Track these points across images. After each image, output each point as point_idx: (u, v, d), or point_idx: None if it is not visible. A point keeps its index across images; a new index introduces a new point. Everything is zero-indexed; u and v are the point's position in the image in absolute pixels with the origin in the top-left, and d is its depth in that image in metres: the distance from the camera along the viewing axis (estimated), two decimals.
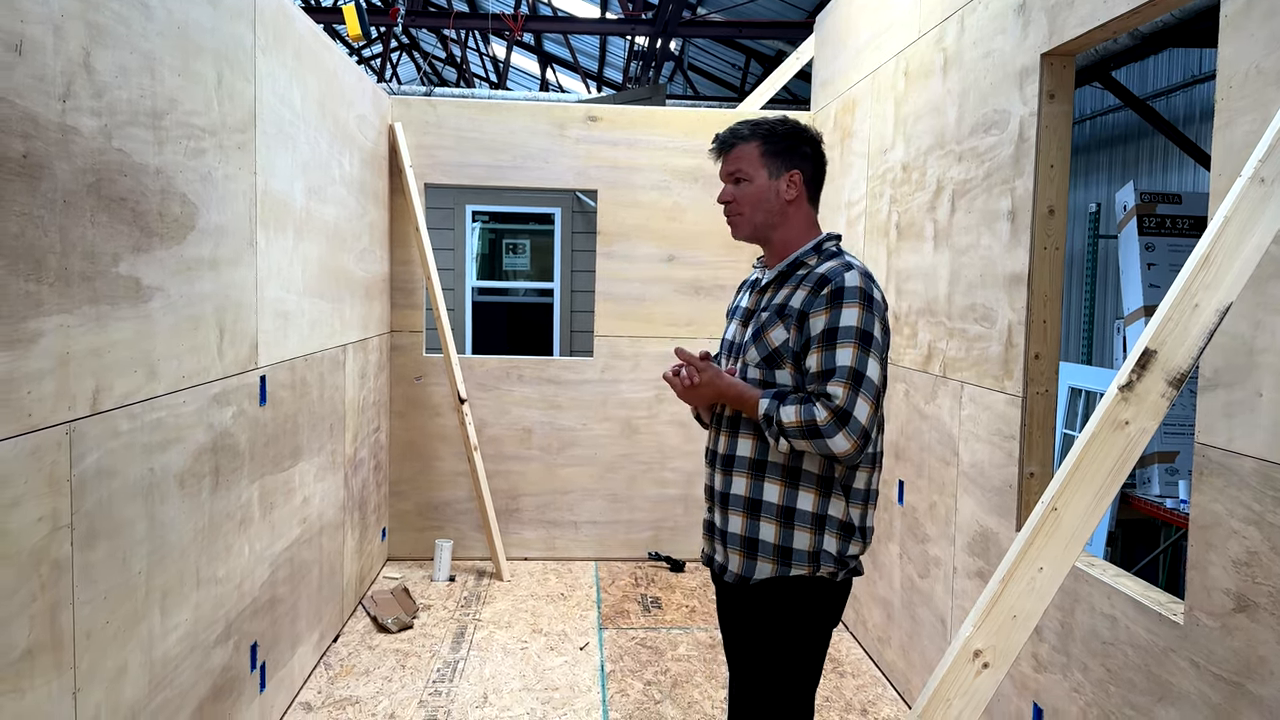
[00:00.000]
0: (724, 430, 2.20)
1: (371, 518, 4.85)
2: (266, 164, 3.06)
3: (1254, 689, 1.86)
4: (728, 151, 2.21)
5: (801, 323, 2.07)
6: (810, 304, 2.06)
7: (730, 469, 2.18)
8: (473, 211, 8.69)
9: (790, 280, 2.15)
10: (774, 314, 2.12)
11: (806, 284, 2.10)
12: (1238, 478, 1.91)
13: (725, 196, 2.23)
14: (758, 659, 2.17)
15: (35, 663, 1.80)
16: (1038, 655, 2.70)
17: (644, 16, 9.15)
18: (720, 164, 2.24)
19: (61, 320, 1.87)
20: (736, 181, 2.20)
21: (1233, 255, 1.46)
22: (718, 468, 2.22)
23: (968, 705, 1.55)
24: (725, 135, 2.21)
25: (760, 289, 2.22)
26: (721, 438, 2.21)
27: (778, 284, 2.18)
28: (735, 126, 2.21)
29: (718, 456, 2.22)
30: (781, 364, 2.10)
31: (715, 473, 2.22)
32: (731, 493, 2.17)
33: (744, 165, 2.19)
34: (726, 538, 2.19)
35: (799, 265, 2.17)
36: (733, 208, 2.22)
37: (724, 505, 2.19)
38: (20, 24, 1.72)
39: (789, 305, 2.10)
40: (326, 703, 3.57)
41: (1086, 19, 2.50)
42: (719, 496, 2.21)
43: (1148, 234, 4.98)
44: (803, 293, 2.09)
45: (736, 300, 2.35)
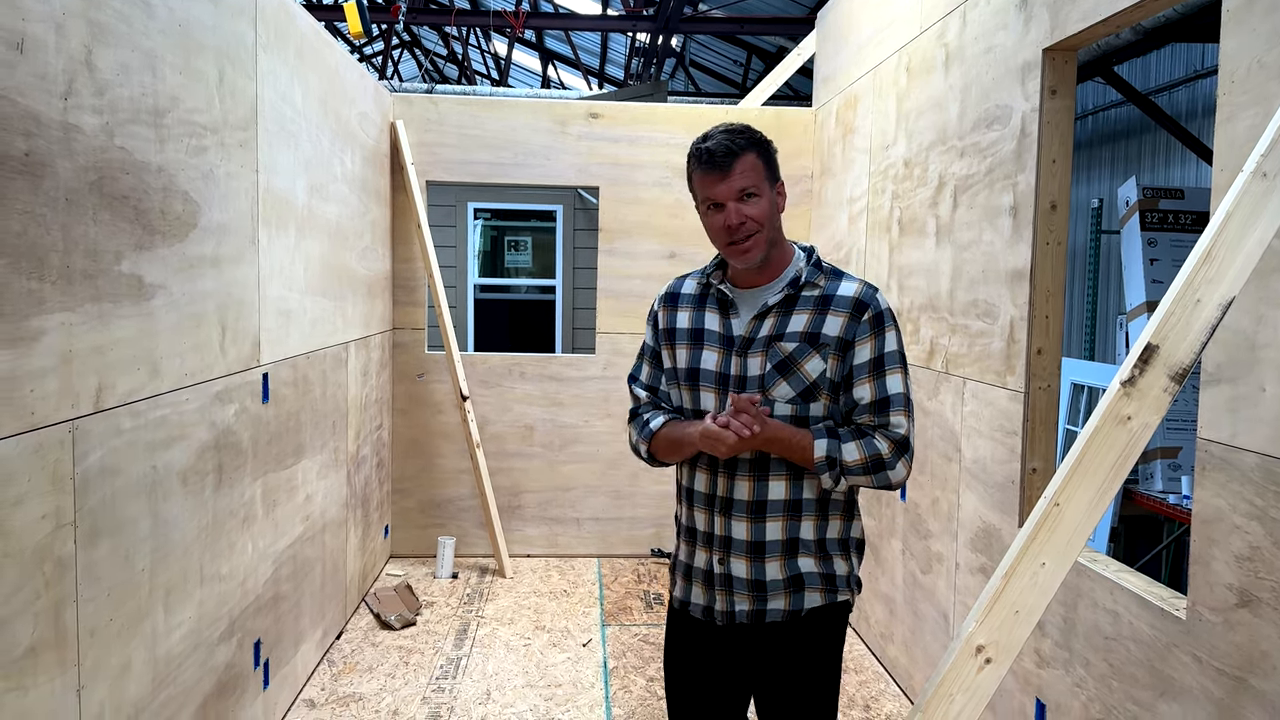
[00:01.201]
0: (742, 475, 1.96)
1: (374, 515, 4.86)
2: (268, 162, 3.06)
3: (1256, 684, 1.86)
4: (732, 165, 1.90)
5: (844, 352, 1.92)
6: (853, 332, 1.92)
7: (762, 515, 1.96)
8: (474, 209, 8.69)
9: (803, 303, 1.95)
10: (804, 344, 1.91)
11: (837, 309, 1.92)
12: (1240, 473, 1.91)
13: (739, 217, 1.90)
14: (805, 691, 2.02)
15: (39, 660, 1.81)
16: (1040, 651, 2.70)
17: (645, 13, 9.14)
18: (724, 182, 1.90)
19: (64, 318, 1.87)
20: (747, 198, 1.91)
21: (1235, 250, 1.45)
22: (736, 515, 1.97)
23: (970, 701, 1.55)
24: (723, 147, 1.90)
25: (759, 314, 1.95)
26: (740, 483, 1.97)
27: (785, 308, 1.95)
28: (725, 140, 1.90)
29: (735, 504, 1.97)
30: (818, 396, 1.93)
31: (731, 520, 1.98)
32: (767, 539, 1.96)
33: (752, 179, 1.91)
34: (749, 585, 1.98)
35: (806, 285, 1.96)
36: (749, 228, 1.91)
37: (753, 553, 1.97)
38: (22, 22, 1.73)
39: (824, 334, 1.91)
40: (330, 700, 3.58)
41: (1088, 13, 2.49)
42: (742, 545, 1.97)
43: (1150, 229, 4.97)
44: (837, 319, 1.92)
45: (691, 321, 2.05)
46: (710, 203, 1.93)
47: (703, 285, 2.08)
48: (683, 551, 2.10)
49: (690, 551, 2.07)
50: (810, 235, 5.21)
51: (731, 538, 1.98)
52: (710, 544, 2.02)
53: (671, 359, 2.08)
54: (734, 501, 1.98)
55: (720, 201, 1.91)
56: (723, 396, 1.97)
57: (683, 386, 2.05)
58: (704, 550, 2.03)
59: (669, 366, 2.09)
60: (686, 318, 2.07)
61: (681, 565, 2.10)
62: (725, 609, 2.01)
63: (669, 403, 2.12)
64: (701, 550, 2.04)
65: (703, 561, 2.03)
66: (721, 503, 1.99)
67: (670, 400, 2.11)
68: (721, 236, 1.93)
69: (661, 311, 2.13)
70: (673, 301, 2.12)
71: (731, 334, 1.99)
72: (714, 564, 2.01)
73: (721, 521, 1.99)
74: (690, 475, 2.06)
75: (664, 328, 2.11)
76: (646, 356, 2.17)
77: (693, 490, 2.05)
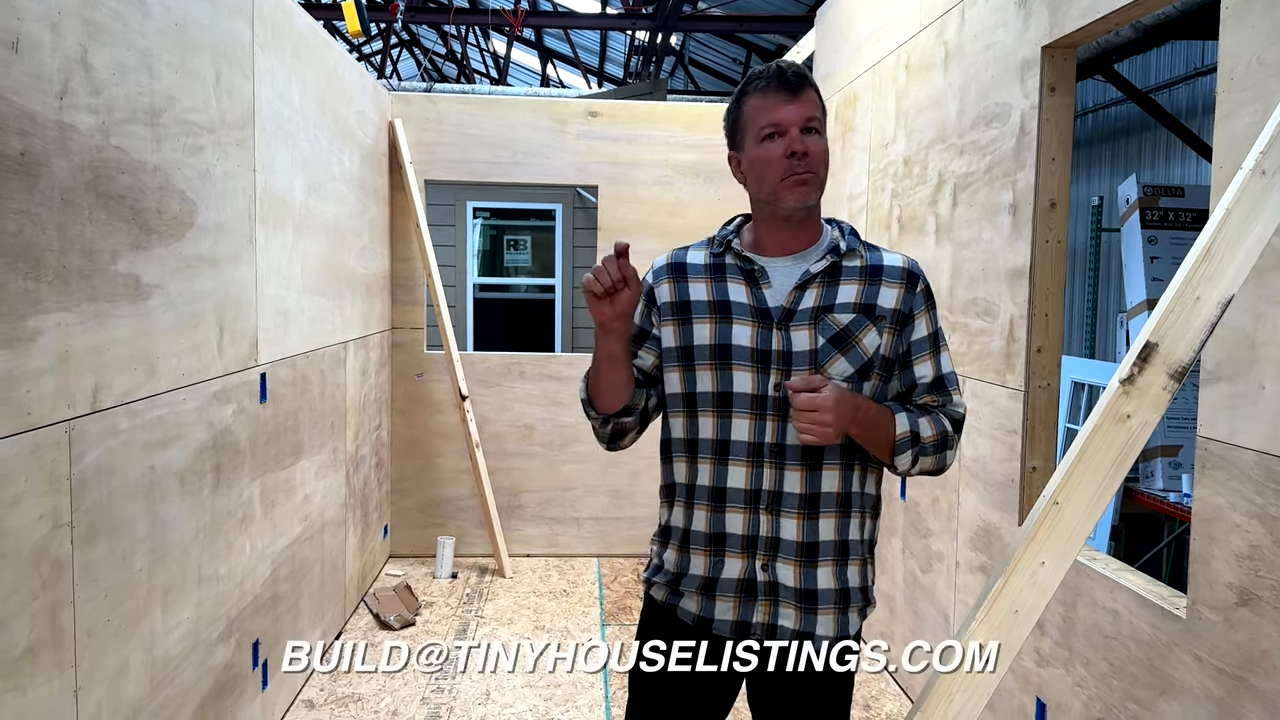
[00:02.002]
0: (793, 464, 1.71)
1: (373, 515, 4.85)
2: (265, 161, 3.05)
3: (1257, 683, 1.85)
4: (804, 88, 1.69)
5: (902, 325, 1.75)
6: (909, 304, 1.75)
7: (816, 510, 1.73)
8: (473, 208, 8.68)
9: (849, 273, 1.75)
10: (861, 315, 1.72)
11: (890, 279, 1.75)
12: (1239, 471, 1.90)
13: (803, 146, 1.67)
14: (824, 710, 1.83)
15: (36, 661, 1.80)
16: (1040, 650, 2.70)
17: (645, 11, 9.13)
18: (794, 103, 1.68)
19: (60, 318, 1.86)
20: (810, 131, 1.69)
21: (1234, 248, 1.45)
22: (787, 511, 1.72)
23: (970, 700, 1.55)
24: (795, 69, 1.70)
25: (801, 283, 1.73)
26: (791, 473, 1.71)
27: (830, 277, 1.74)
28: (795, 66, 1.71)
29: (786, 498, 1.72)
30: (870, 375, 1.73)
31: (780, 519, 1.72)
32: (821, 540, 1.73)
33: (817, 112, 1.70)
34: (797, 595, 1.74)
35: (849, 254, 1.77)
36: (811, 162, 1.68)
37: (809, 555, 1.73)
38: (17, 21, 1.72)
39: (879, 305, 1.73)
40: (329, 700, 3.58)
41: (1087, 11, 2.49)
42: (792, 548, 1.72)
43: (1150, 227, 4.96)
44: (891, 290, 1.74)
45: (710, 293, 1.78)
46: (771, 129, 1.68)
47: (715, 255, 1.81)
48: (694, 562, 1.78)
49: (712, 560, 1.76)
50: None
51: (780, 538, 1.73)
52: (752, 548, 1.73)
53: (678, 336, 1.78)
54: (784, 496, 1.72)
55: (783, 127, 1.67)
56: (762, 375, 1.70)
57: (704, 367, 1.75)
58: (741, 556, 1.74)
59: (672, 345, 1.79)
60: (703, 289, 1.78)
61: (695, 579, 1.79)
62: (767, 621, 1.75)
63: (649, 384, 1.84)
64: (736, 557, 1.74)
65: (738, 570, 1.74)
66: (769, 498, 1.72)
67: (667, 386, 1.82)
68: (778, 168, 1.68)
69: (664, 284, 1.82)
70: (679, 272, 1.82)
71: (766, 305, 1.73)
72: (756, 570, 1.73)
73: (768, 521, 1.72)
74: (715, 470, 1.75)
75: (669, 301, 1.80)
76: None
77: (721, 488, 1.74)
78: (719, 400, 1.74)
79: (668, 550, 1.84)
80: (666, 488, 1.86)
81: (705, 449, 1.76)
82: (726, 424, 1.74)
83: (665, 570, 1.84)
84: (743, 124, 1.75)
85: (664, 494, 1.88)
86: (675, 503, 1.82)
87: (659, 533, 1.89)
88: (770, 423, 1.72)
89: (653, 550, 1.91)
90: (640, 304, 1.81)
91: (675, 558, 1.81)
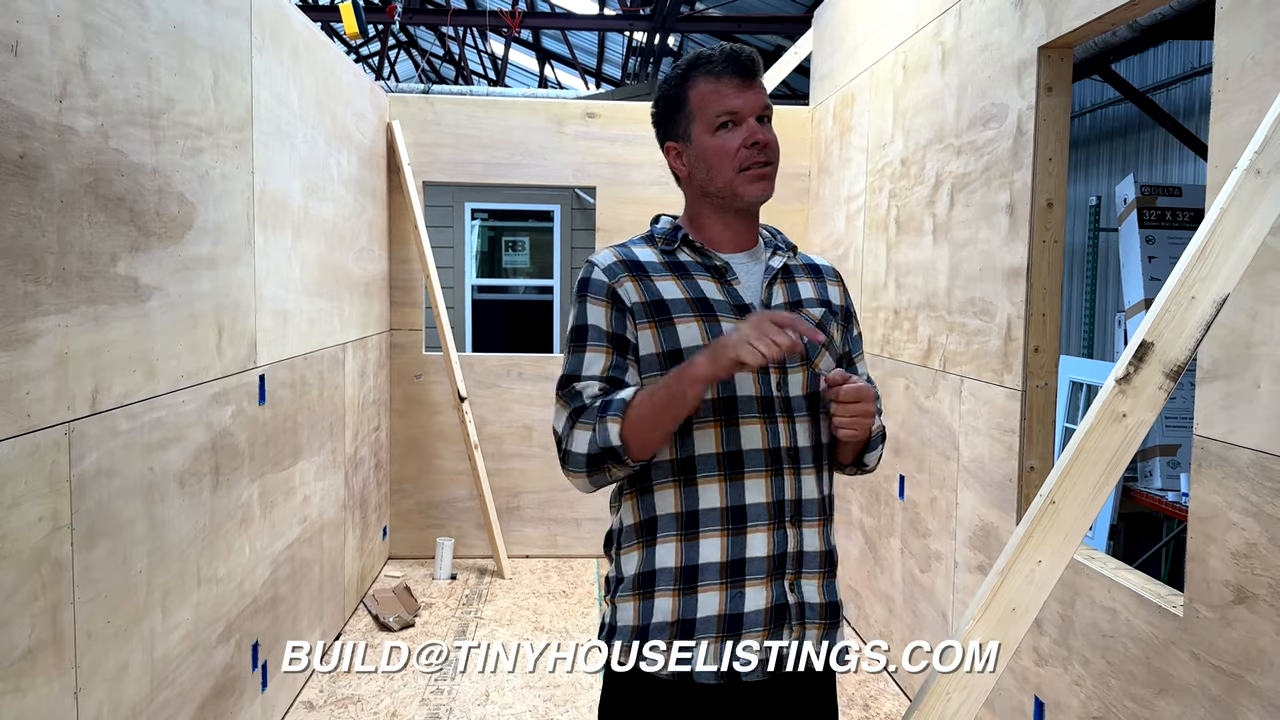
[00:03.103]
0: (808, 466, 1.59)
1: (372, 516, 4.85)
2: (264, 163, 3.05)
3: (1253, 680, 1.86)
4: (756, 76, 1.58)
5: (847, 321, 1.73)
6: (848, 301, 1.75)
7: (827, 515, 1.63)
8: (472, 209, 8.69)
9: (797, 270, 1.69)
10: (827, 311, 1.67)
11: (829, 277, 1.73)
12: (1236, 469, 1.91)
13: (764, 136, 1.56)
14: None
15: (36, 662, 1.80)
16: (1038, 649, 2.70)
17: (642, 12, 9.14)
18: (751, 91, 1.56)
19: (60, 320, 1.87)
20: (764, 120, 1.59)
21: (1229, 247, 1.45)
22: (808, 520, 1.57)
23: (968, 699, 1.55)
24: (746, 53, 1.57)
25: (770, 279, 1.62)
26: (808, 477, 1.58)
27: (785, 273, 1.67)
28: (748, 50, 1.58)
29: (806, 505, 1.57)
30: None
31: (803, 529, 1.56)
32: (831, 546, 1.64)
33: (769, 104, 1.61)
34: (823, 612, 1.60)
35: (788, 251, 1.71)
36: (770, 153, 1.57)
37: (827, 567, 1.61)
38: (16, 24, 1.72)
39: (832, 301, 1.69)
40: (328, 701, 3.58)
41: (1084, 11, 2.49)
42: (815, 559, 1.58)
43: (1148, 227, 4.97)
44: (834, 287, 1.72)
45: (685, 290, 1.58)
46: (726, 117, 1.55)
47: (665, 252, 1.63)
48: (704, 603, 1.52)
49: (730, 594, 1.52)
50: (808, 234, 5.21)
51: (804, 551, 1.56)
52: (780, 569, 1.54)
53: (659, 342, 1.55)
54: (804, 503, 1.56)
55: (741, 115, 1.54)
56: (761, 376, 1.55)
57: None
58: (764, 583, 1.52)
59: (653, 352, 1.55)
60: (674, 287, 1.58)
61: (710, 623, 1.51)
62: (799, 649, 1.55)
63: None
64: (760, 584, 1.52)
65: (764, 599, 1.52)
66: (792, 509, 1.55)
67: None
68: (736, 159, 1.55)
69: (627, 282, 1.58)
70: (638, 269, 1.60)
71: (742, 301, 1.58)
72: (786, 593, 1.54)
73: (794, 534, 1.55)
74: (727, 487, 1.53)
75: (640, 301, 1.56)
76: (600, 344, 1.56)
77: (739, 506, 1.52)
78: (724, 407, 1.53)
79: (657, 599, 1.53)
80: (642, 525, 1.56)
81: (709, 465, 1.53)
82: (735, 433, 1.53)
83: (658, 626, 1.52)
84: (689, 111, 1.59)
85: (636, 534, 1.57)
86: (659, 539, 1.54)
87: (626, 585, 1.57)
88: (783, 425, 1.55)
89: (613, 611, 1.59)
90: (606, 308, 1.57)
91: (674, 604, 1.52)
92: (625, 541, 1.59)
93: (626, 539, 1.59)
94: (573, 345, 1.58)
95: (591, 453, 1.49)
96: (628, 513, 1.59)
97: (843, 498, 4.53)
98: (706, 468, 1.53)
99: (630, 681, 1.56)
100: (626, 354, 1.57)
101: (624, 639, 1.56)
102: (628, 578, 1.57)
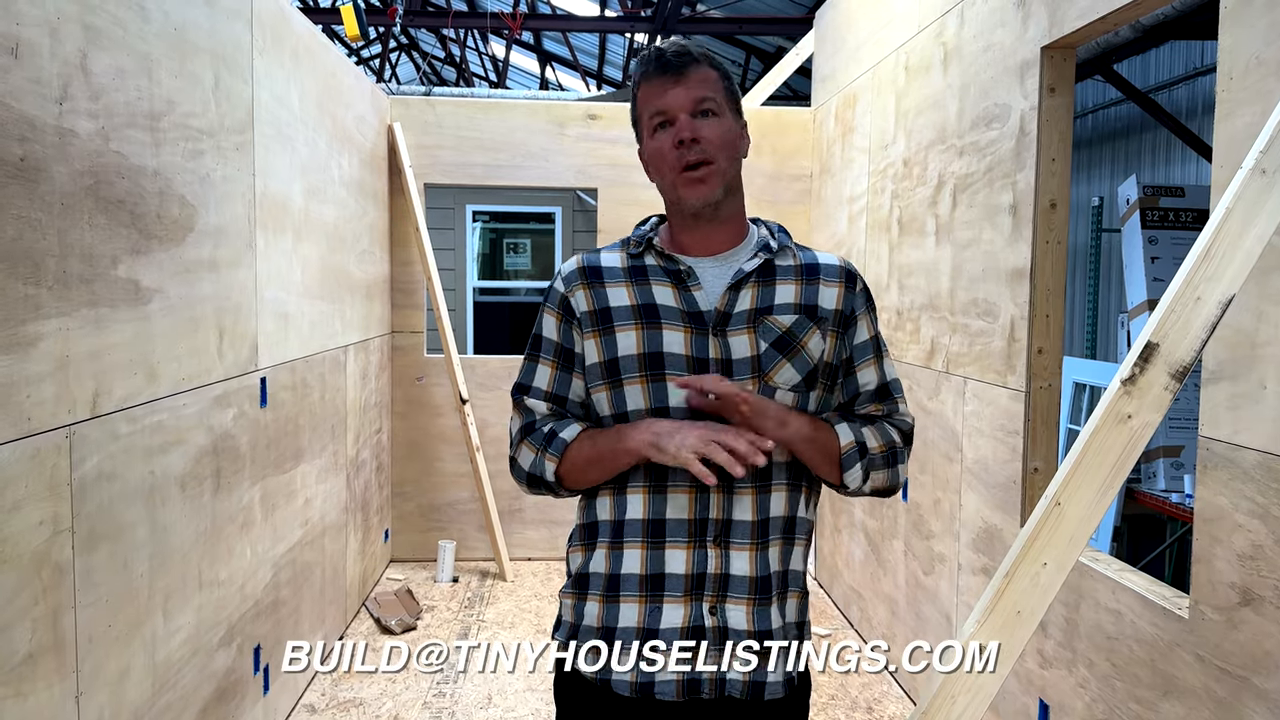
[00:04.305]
0: (744, 487, 1.51)
1: (374, 519, 4.85)
2: (265, 165, 3.05)
3: (1259, 683, 1.85)
4: (688, 69, 1.50)
5: (844, 328, 1.58)
6: (851, 304, 1.59)
7: (766, 540, 1.52)
8: (473, 211, 8.70)
9: (784, 272, 1.58)
10: (803, 317, 1.54)
11: (828, 278, 1.58)
12: (1241, 471, 1.90)
13: (693, 131, 1.48)
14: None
15: (37, 666, 1.80)
16: (1043, 651, 2.69)
17: (643, 14, 9.14)
18: (679, 86, 1.49)
19: (60, 323, 1.86)
20: (704, 114, 1.50)
21: (1234, 247, 1.45)
22: (737, 543, 1.50)
23: (972, 702, 1.54)
24: (678, 47, 1.51)
25: (734, 283, 1.54)
26: (742, 498, 1.50)
27: (765, 276, 1.56)
28: (677, 45, 1.52)
29: (736, 527, 1.50)
30: (816, 383, 1.56)
31: (729, 551, 1.50)
32: (773, 571, 1.52)
33: (711, 91, 1.51)
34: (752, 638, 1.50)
35: (781, 252, 1.59)
36: (703, 150, 1.49)
37: (759, 593, 1.51)
38: (16, 26, 1.72)
39: (820, 306, 1.56)
40: (330, 705, 3.57)
41: (1086, 11, 2.49)
42: (744, 584, 1.50)
43: (1151, 227, 4.96)
44: (831, 289, 1.57)
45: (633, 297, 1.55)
46: (659, 118, 1.51)
47: (633, 256, 1.60)
48: (625, 613, 1.51)
49: (648, 608, 1.50)
50: (810, 234, 5.20)
51: (730, 574, 1.50)
52: (698, 589, 1.49)
53: (601, 350, 1.54)
54: (734, 525, 1.50)
55: (670, 114, 1.50)
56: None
57: (634, 380, 1.52)
58: (683, 601, 1.49)
59: (597, 361, 1.55)
60: (624, 294, 1.55)
61: (629, 633, 1.51)
62: (716, 674, 1.49)
63: (586, 416, 1.61)
64: (676, 602, 1.49)
65: (681, 617, 1.49)
66: (717, 528, 1.50)
67: (596, 409, 1.58)
68: (670, 161, 1.50)
69: (578, 291, 1.57)
70: (594, 276, 1.58)
71: (698, 309, 1.53)
72: (704, 615, 1.49)
73: (717, 556, 1.49)
74: (651, 500, 1.51)
75: (587, 310, 1.56)
76: (548, 356, 1.60)
77: (659, 520, 1.51)
78: (655, 416, 1.51)
79: (588, 603, 1.56)
80: (585, 528, 1.59)
81: (636, 476, 1.51)
82: None
83: (586, 628, 1.55)
84: (636, 116, 1.57)
85: (580, 535, 1.60)
86: (597, 544, 1.56)
87: (572, 583, 1.60)
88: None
89: (564, 606, 1.61)
90: (558, 318, 1.59)
91: (600, 610, 1.54)
92: (572, 541, 1.63)
93: (574, 538, 1.63)
94: (528, 353, 1.63)
95: (531, 473, 1.59)
96: (578, 513, 1.64)
97: (846, 500, 4.52)
98: (636, 478, 1.53)
99: (566, 678, 1.60)
100: (571, 367, 1.59)
101: (562, 635, 1.60)
102: (570, 576, 1.62)
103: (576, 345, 1.58)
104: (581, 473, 1.54)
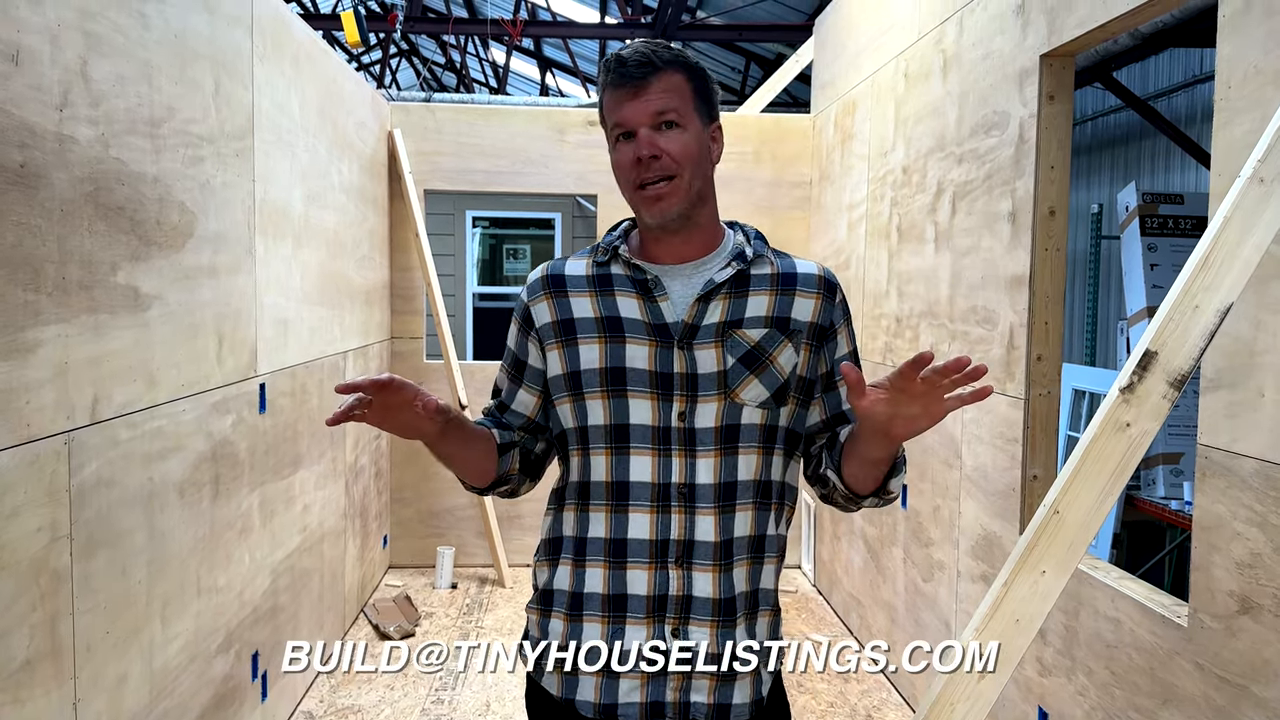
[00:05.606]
0: (706, 506, 1.45)
1: (373, 525, 4.84)
2: (265, 171, 3.05)
3: (1258, 691, 1.84)
4: (649, 79, 1.42)
5: (822, 341, 1.51)
6: (830, 317, 1.52)
7: (730, 560, 1.46)
8: (473, 217, 8.70)
9: (759, 282, 1.50)
10: (774, 330, 1.47)
11: (805, 289, 1.51)
12: (1240, 479, 1.90)
13: (651, 148, 1.42)
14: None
15: (35, 673, 1.80)
16: (1042, 659, 2.69)
17: (643, 21, 9.16)
18: (638, 99, 1.43)
19: (60, 330, 1.86)
20: (666, 126, 1.43)
21: (1233, 256, 1.45)
22: (700, 564, 1.44)
23: (972, 710, 1.54)
24: (640, 55, 1.43)
25: (703, 294, 1.47)
26: (704, 518, 1.44)
27: (737, 286, 1.49)
28: (644, 49, 1.44)
29: (699, 548, 1.45)
30: (787, 398, 1.48)
31: (692, 573, 1.44)
32: (739, 592, 1.47)
33: (674, 102, 1.43)
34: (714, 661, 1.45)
35: (757, 260, 1.52)
36: (663, 166, 1.42)
37: (723, 615, 1.45)
38: (17, 33, 1.72)
39: (794, 318, 1.49)
40: (329, 711, 3.56)
41: (1085, 20, 2.49)
42: (707, 606, 1.45)
43: (1150, 234, 4.96)
44: (807, 301, 1.50)
45: (597, 309, 1.51)
46: (620, 130, 1.45)
47: (599, 264, 1.54)
48: (588, 631, 1.48)
49: (611, 629, 1.47)
50: (809, 241, 5.21)
51: (693, 596, 1.44)
52: (660, 611, 1.45)
53: (564, 362, 1.50)
54: (696, 545, 1.44)
55: (629, 127, 1.43)
56: (664, 403, 1.45)
57: (595, 395, 1.48)
58: (645, 623, 1.45)
59: (559, 373, 1.52)
60: (587, 305, 1.51)
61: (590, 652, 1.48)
62: (680, 700, 1.44)
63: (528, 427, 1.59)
64: (639, 624, 1.45)
65: (642, 639, 1.45)
66: (679, 549, 1.44)
67: (561, 421, 1.54)
68: (629, 176, 1.45)
69: (541, 301, 1.54)
70: (558, 285, 1.54)
71: (663, 321, 1.47)
72: (667, 637, 1.44)
73: (679, 577, 1.44)
74: (612, 519, 1.47)
75: (550, 321, 1.53)
76: (505, 364, 1.61)
77: (620, 540, 1.47)
78: (615, 434, 1.46)
79: (552, 619, 1.53)
80: (550, 542, 1.56)
81: (599, 493, 1.48)
82: (624, 462, 1.46)
83: (551, 645, 1.53)
84: (604, 122, 1.51)
85: (545, 550, 1.57)
86: (560, 560, 1.52)
87: (538, 598, 1.57)
88: (678, 459, 1.44)
89: (530, 621, 1.59)
90: (518, 329, 1.58)
91: (563, 628, 1.50)
92: (538, 555, 1.60)
93: (539, 552, 1.59)
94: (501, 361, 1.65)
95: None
96: (544, 528, 1.60)
97: None
98: (598, 496, 1.49)
99: (535, 693, 1.57)
100: (520, 378, 1.58)
101: (529, 650, 1.58)
102: (536, 590, 1.59)
103: (531, 357, 1.56)
104: (462, 472, 1.59)
